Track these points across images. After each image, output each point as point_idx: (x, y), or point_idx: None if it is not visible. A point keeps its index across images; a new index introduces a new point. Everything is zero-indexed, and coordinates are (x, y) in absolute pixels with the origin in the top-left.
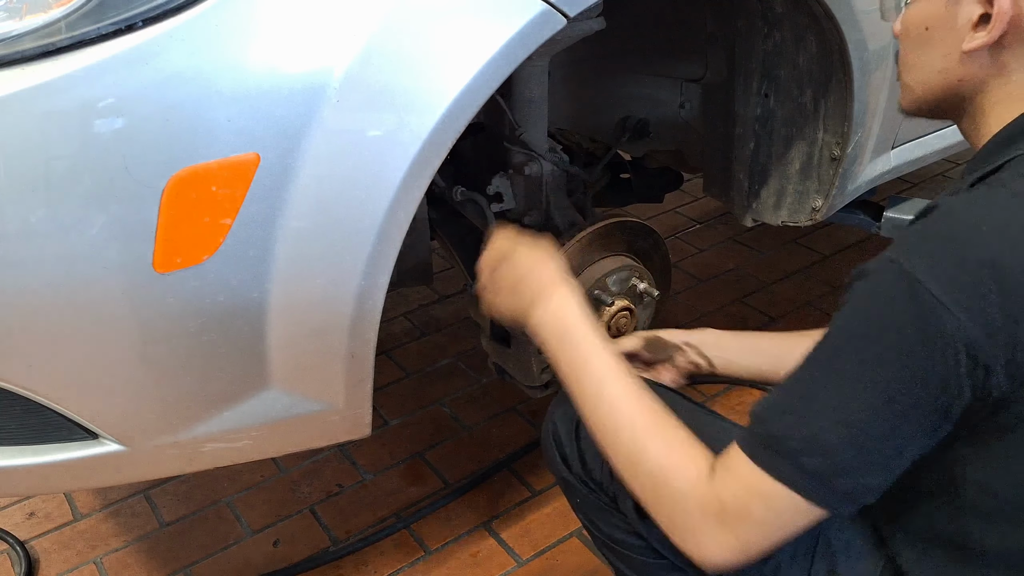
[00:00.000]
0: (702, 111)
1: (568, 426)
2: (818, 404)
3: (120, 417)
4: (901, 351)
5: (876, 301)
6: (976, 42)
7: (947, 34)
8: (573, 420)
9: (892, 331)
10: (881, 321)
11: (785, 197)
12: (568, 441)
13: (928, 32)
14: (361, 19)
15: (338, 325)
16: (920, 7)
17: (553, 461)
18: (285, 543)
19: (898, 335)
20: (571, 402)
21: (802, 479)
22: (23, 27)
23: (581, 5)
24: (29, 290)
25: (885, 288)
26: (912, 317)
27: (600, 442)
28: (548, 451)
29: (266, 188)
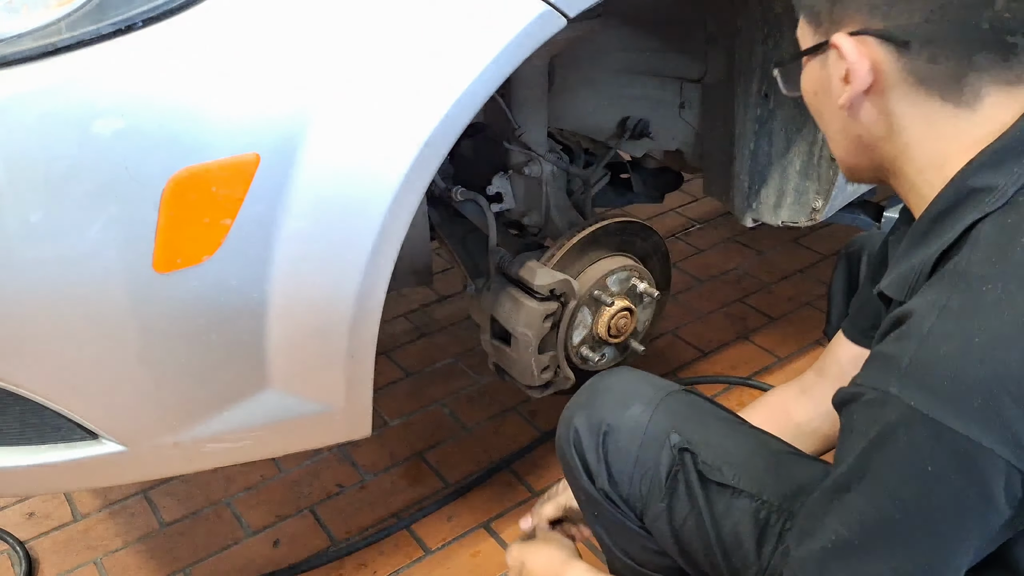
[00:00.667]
0: (702, 111)
1: (595, 438)
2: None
3: (120, 417)
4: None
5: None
6: (846, 95)
7: (828, 96)
8: (599, 432)
9: (935, 479)
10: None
11: (785, 197)
12: (594, 453)
13: (817, 97)
14: (362, 20)
15: (338, 325)
16: (806, 77)
17: (575, 472)
18: (285, 543)
19: (942, 482)
20: (594, 408)
21: None
22: (23, 27)
23: (581, 5)
24: (29, 290)
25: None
26: (949, 461)
27: None
28: (569, 461)
29: (266, 188)
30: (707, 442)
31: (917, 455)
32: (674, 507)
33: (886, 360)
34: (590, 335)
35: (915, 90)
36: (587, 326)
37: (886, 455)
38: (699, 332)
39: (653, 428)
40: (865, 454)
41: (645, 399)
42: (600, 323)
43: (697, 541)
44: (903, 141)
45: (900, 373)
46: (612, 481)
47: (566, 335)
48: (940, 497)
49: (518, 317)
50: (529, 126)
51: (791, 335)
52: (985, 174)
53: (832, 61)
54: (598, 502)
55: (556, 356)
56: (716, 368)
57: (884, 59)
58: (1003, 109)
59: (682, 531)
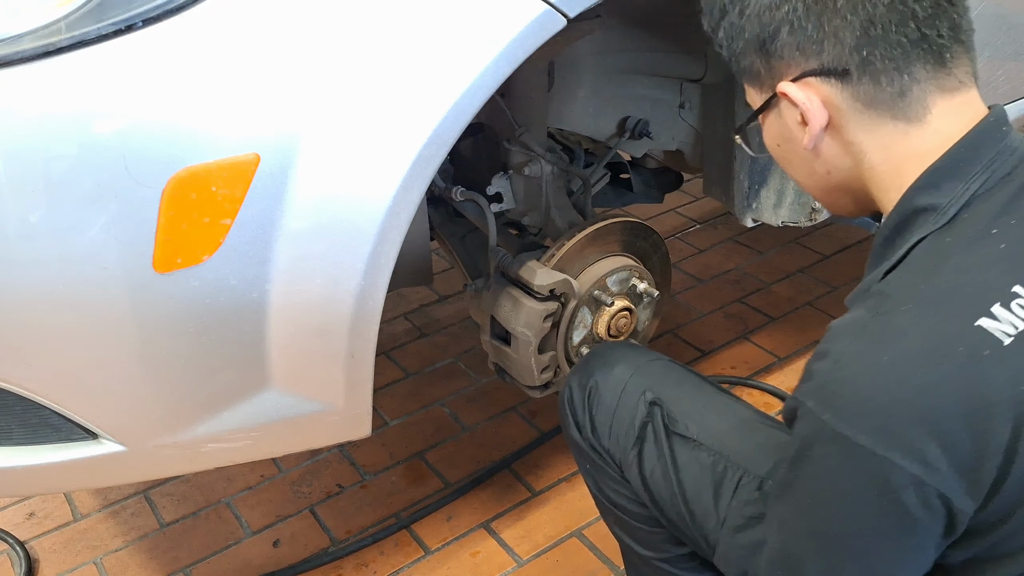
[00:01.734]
0: (702, 111)
1: (582, 392)
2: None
3: (120, 417)
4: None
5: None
6: (807, 136)
7: (791, 142)
8: (587, 387)
9: (851, 495)
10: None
11: (785, 197)
12: (581, 406)
13: (781, 148)
14: (363, 19)
15: (338, 325)
16: (767, 133)
17: (566, 424)
18: (285, 543)
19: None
20: (587, 369)
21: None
22: (23, 27)
23: (581, 5)
24: (29, 290)
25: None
26: (864, 477)
27: None
28: (563, 415)
29: (266, 188)
30: (677, 400)
31: (833, 470)
32: (644, 456)
33: (810, 376)
34: (590, 335)
35: (867, 115)
36: (587, 326)
37: (806, 469)
38: (699, 332)
39: (632, 385)
40: (791, 466)
41: (630, 362)
42: (600, 323)
43: (664, 490)
44: (867, 166)
45: (817, 389)
46: (595, 432)
47: (566, 335)
48: (860, 511)
49: (518, 317)
50: (529, 126)
51: (791, 335)
52: (928, 193)
53: (785, 110)
54: (585, 452)
55: (556, 356)
56: (716, 368)
57: (830, 93)
58: (950, 119)
59: (651, 479)
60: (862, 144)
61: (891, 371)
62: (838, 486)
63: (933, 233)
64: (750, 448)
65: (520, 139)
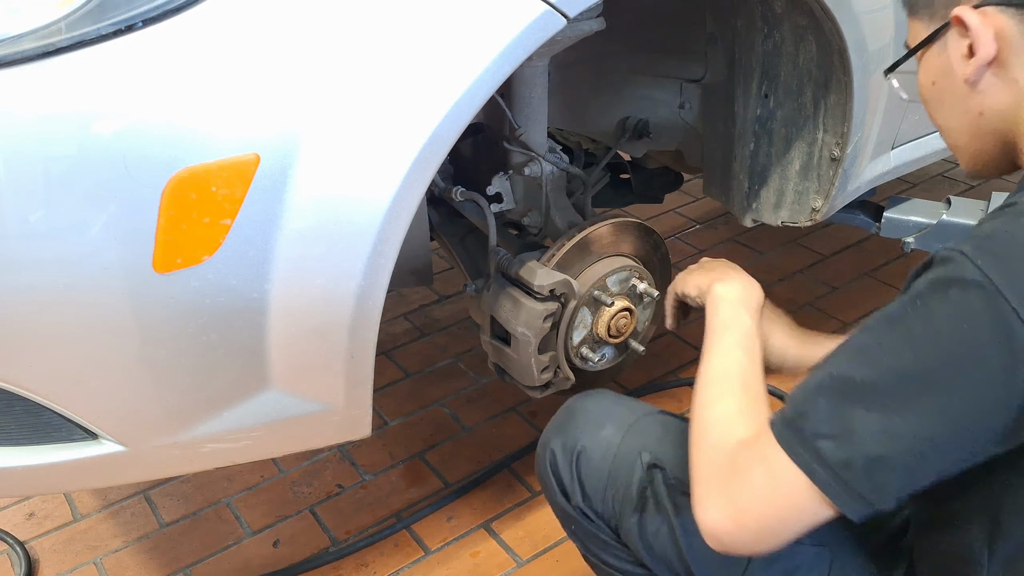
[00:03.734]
0: (702, 111)
1: (568, 457)
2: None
3: (120, 417)
4: (974, 366)
5: (950, 307)
6: (971, 67)
7: (951, 78)
8: (573, 451)
9: (967, 344)
10: (956, 331)
11: (785, 197)
12: (568, 472)
13: (936, 86)
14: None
15: (338, 325)
16: (923, 70)
17: (551, 492)
18: (285, 543)
19: (973, 349)
20: (569, 430)
21: (814, 462)
22: (23, 27)
23: (581, 6)
24: (29, 290)
25: (960, 295)
26: (990, 330)
27: (696, 386)
28: (546, 481)
29: (266, 188)
30: (677, 459)
31: (960, 313)
32: (645, 521)
33: (973, 230)
34: (590, 335)
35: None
36: (587, 326)
37: (929, 306)
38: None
39: (625, 448)
40: (909, 302)
41: (618, 421)
42: (600, 323)
43: (670, 552)
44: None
45: (979, 237)
46: (586, 499)
47: (566, 335)
48: (963, 365)
49: (518, 317)
50: (529, 126)
51: None
52: None
53: (952, 42)
54: (573, 518)
55: (556, 356)
56: None
57: (1006, 25)
58: None
59: (655, 543)
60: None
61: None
62: (957, 330)
63: None
64: None
65: (520, 139)
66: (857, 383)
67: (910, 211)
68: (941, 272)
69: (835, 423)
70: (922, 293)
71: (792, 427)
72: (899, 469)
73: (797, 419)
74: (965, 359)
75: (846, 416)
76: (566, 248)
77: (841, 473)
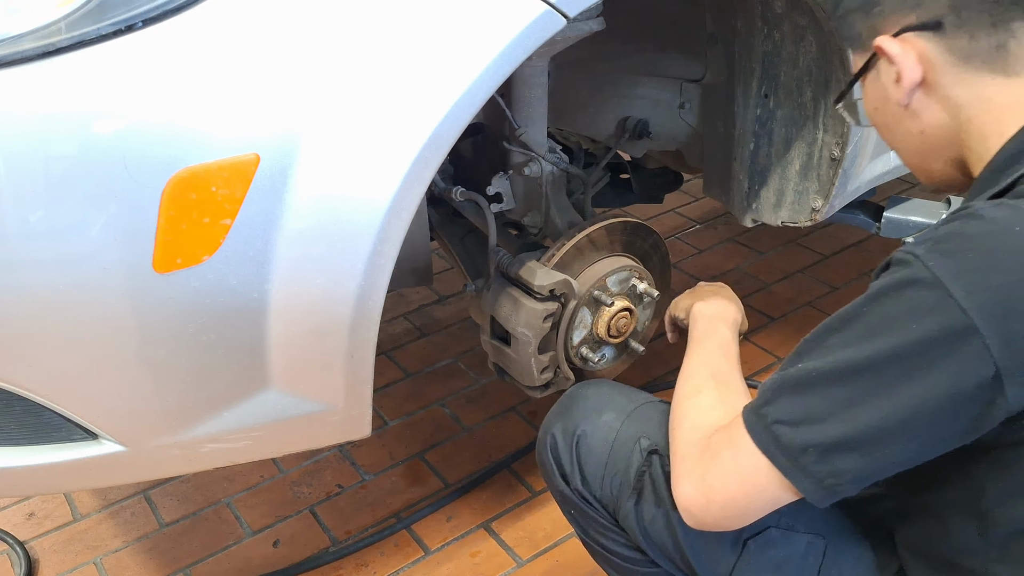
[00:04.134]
0: (702, 112)
1: (568, 441)
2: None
3: (120, 417)
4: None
5: (902, 305)
6: (901, 91)
7: (888, 103)
8: (573, 435)
9: (915, 342)
10: (905, 329)
11: (785, 197)
12: (568, 456)
13: (879, 111)
14: (363, 19)
15: (338, 325)
16: (866, 98)
17: (551, 475)
18: (285, 543)
19: (921, 347)
20: (570, 415)
21: (774, 446)
22: (23, 27)
23: (581, 5)
24: (29, 290)
25: (912, 294)
26: (939, 332)
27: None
28: (546, 465)
29: (266, 188)
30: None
31: (910, 313)
32: (643, 506)
33: (928, 233)
34: (590, 335)
35: (963, 70)
36: (587, 326)
37: (883, 305)
38: None
39: (624, 433)
40: (865, 301)
41: (618, 407)
42: (600, 323)
43: (666, 537)
44: (964, 119)
45: (933, 239)
46: (585, 482)
47: (566, 335)
48: (911, 361)
49: (518, 317)
50: (529, 126)
51: (791, 335)
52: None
53: (883, 70)
54: (573, 501)
55: (556, 356)
56: None
57: (927, 48)
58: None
59: (651, 528)
60: (958, 98)
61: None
62: (908, 329)
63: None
64: None
65: (520, 139)
66: (816, 375)
67: (910, 211)
68: (897, 274)
69: (795, 411)
70: (879, 293)
71: (757, 413)
72: (854, 457)
73: (762, 406)
74: (916, 357)
75: (806, 405)
76: (566, 248)
77: (799, 458)
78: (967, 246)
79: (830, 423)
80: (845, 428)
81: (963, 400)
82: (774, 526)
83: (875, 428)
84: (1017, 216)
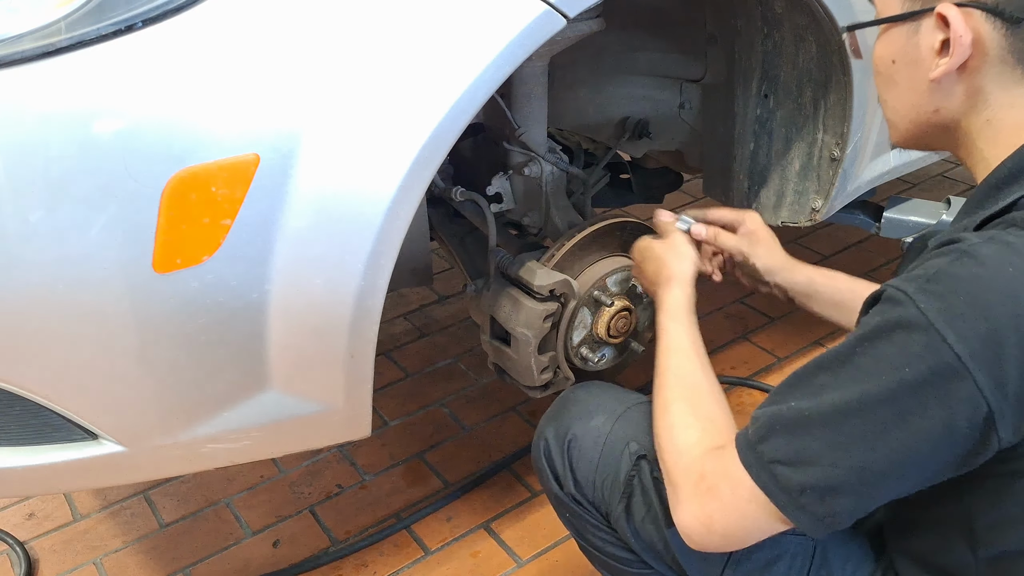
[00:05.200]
0: (702, 112)
1: (560, 444)
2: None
3: (120, 418)
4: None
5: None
6: (940, 69)
7: (913, 66)
8: (565, 439)
9: (907, 385)
10: (897, 372)
11: (785, 197)
12: (560, 459)
13: (895, 65)
14: (362, 20)
15: (338, 326)
16: (885, 42)
17: (545, 479)
18: (285, 543)
19: (912, 390)
20: (561, 419)
21: (773, 485)
22: (23, 27)
23: (581, 6)
24: (29, 291)
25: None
26: (931, 375)
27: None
28: (540, 469)
29: (266, 189)
30: None
31: (902, 356)
32: (632, 509)
33: (919, 268)
34: (590, 335)
35: (1011, 70)
36: (587, 326)
37: (875, 347)
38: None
39: (613, 437)
40: (857, 342)
41: (608, 410)
42: (600, 323)
43: (656, 539)
44: (984, 118)
45: (924, 279)
46: (578, 485)
47: (566, 335)
48: (903, 405)
49: (518, 317)
50: (529, 126)
51: (791, 335)
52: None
53: (926, 30)
54: (567, 504)
55: (556, 356)
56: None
57: (988, 35)
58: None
59: (641, 530)
60: (990, 96)
61: (1014, 284)
62: (898, 372)
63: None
64: None
65: (520, 139)
66: (807, 416)
67: (910, 211)
68: (888, 313)
69: (790, 452)
70: (869, 334)
71: (753, 451)
72: (848, 495)
73: (758, 443)
74: (908, 399)
75: (800, 446)
76: (566, 248)
77: (798, 498)
78: (958, 288)
79: (825, 467)
80: (840, 472)
81: (956, 440)
82: None
83: (869, 472)
84: (1008, 255)
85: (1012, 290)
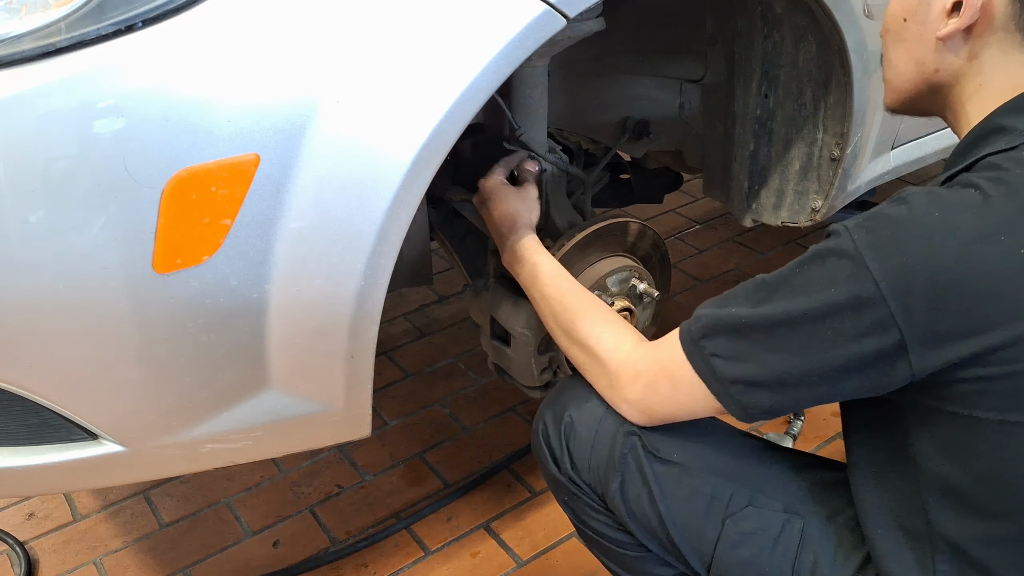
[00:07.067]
0: (702, 112)
1: (557, 427)
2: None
3: (120, 418)
4: (834, 325)
5: (824, 271)
6: (949, 28)
7: (923, 24)
8: (562, 421)
9: (830, 305)
10: (823, 293)
11: (785, 197)
12: (557, 442)
13: (906, 23)
14: (361, 21)
15: (338, 326)
16: (898, 2)
17: (543, 460)
18: (285, 543)
19: (834, 310)
20: (559, 403)
21: (710, 375)
22: (23, 27)
23: (581, 5)
24: (29, 291)
25: (834, 262)
26: (851, 299)
27: (548, 325)
28: (538, 450)
29: (266, 189)
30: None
31: (831, 280)
32: (626, 487)
33: (868, 214)
34: None
35: (1012, 37)
36: None
37: (809, 269)
38: None
39: (608, 418)
40: (797, 264)
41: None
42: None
43: (651, 517)
44: (977, 83)
45: (864, 217)
46: (574, 466)
47: None
48: (825, 323)
49: (518, 317)
50: (529, 126)
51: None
52: (1011, 115)
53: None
54: (564, 486)
55: (556, 356)
56: None
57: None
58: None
59: (636, 509)
60: (988, 60)
61: (935, 229)
62: (824, 292)
63: (1006, 151)
64: (738, 466)
65: (520, 139)
66: (745, 322)
67: None
68: (827, 243)
69: (727, 349)
70: (808, 258)
71: (696, 344)
72: (769, 392)
73: (700, 338)
74: (827, 319)
75: (735, 347)
76: (566, 248)
77: (728, 387)
78: (886, 225)
79: (752, 365)
80: (764, 372)
81: (867, 361)
82: (752, 504)
83: (788, 375)
84: (936, 204)
85: (928, 232)
